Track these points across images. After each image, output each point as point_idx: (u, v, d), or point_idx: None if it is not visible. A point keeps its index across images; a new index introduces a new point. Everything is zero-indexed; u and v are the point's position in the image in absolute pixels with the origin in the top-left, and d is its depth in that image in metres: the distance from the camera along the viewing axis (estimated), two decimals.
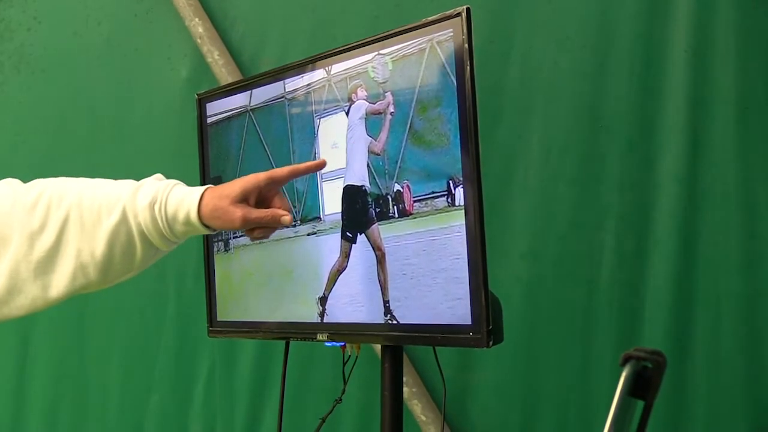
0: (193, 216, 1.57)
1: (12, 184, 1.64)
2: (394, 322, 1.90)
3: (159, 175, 1.66)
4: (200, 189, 1.60)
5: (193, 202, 1.57)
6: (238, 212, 1.58)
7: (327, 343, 2.05)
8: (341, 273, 2.01)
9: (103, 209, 1.57)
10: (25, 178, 1.66)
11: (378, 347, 2.44)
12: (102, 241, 1.56)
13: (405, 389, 2.50)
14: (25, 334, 3.27)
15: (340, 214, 2.00)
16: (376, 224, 1.92)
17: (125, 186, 1.60)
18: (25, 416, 3.28)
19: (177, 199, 1.58)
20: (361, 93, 1.95)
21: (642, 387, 1.29)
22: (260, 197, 1.64)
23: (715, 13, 2.44)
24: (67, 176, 1.66)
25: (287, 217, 1.63)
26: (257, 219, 1.61)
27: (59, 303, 1.62)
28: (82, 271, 1.58)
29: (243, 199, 1.59)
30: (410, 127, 1.85)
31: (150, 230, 1.58)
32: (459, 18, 1.74)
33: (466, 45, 1.73)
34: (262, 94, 2.18)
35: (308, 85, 2.07)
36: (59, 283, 1.59)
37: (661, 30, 2.49)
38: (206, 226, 1.60)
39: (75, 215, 1.57)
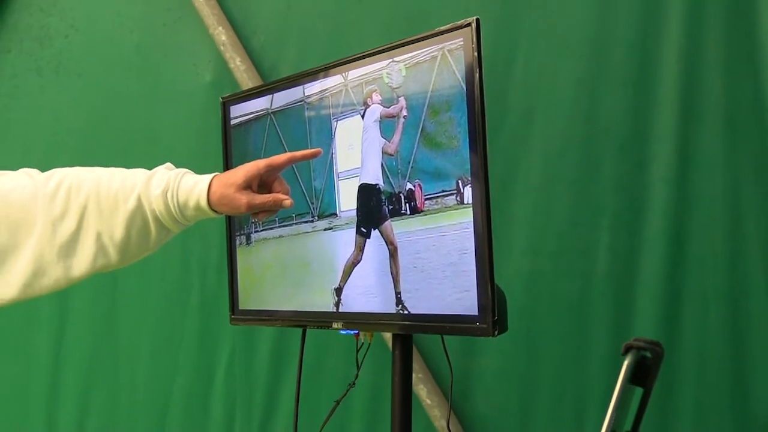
0: (203, 203, 1.61)
1: (31, 173, 1.65)
2: (406, 312, 1.89)
3: (169, 164, 1.69)
4: (208, 177, 1.63)
5: (203, 190, 1.61)
6: (243, 199, 1.62)
7: (342, 331, 2.04)
8: (356, 266, 1.99)
9: (119, 196, 1.60)
10: None
11: (389, 336, 2.43)
12: (120, 226, 1.60)
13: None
14: (61, 319, 3.26)
15: (356, 211, 1.99)
16: (389, 220, 1.91)
17: (139, 175, 1.63)
18: (61, 394, 3.28)
19: (187, 187, 1.61)
20: (376, 97, 1.94)
21: (641, 375, 1.28)
22: (261, 182, 1.67)
23: (704, 27, 2.43)
24: None
25: (288, 201, 1.67)
26: (260, 204, 1.65)
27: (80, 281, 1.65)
28: (103, 253, 1.61)
29: (246, 185, 1.63)
30: (422, 129, 1.84)
31: (163, 215, 1.61)
32: (469, 28, 1.73)
33: (476, 53, 1.73)
34: (282, 98, 2.17)
35: (326, 89, 2.06)
36: (81, 265, 1.61)
37: (654, 42, 2.48)
38: (214, 211, 1.64)
39: (93, 202, 1.60)
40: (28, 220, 1.59)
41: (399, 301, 1.90)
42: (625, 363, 1.24)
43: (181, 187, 1.61)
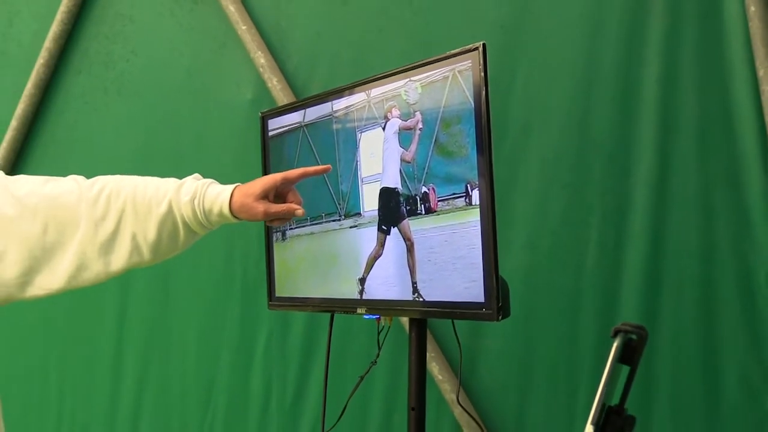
0: (226, 210, 1.62)
1: (77, 179, 1.66)
2: (421, 299, 1.88)
3: (197, 175, 1.70)
4: (231, 187, 1.64)
5: (225, 199, 1.62)
6: (261, 207, 1.63)
7: (365, 316, 2.03)
8: (377, 259, 1.98)
9: (153, 202, 1.61)
10: None
11: (406, 320, 2.42)
12: (153, 228, 1.61)
13: None
14: (123, 305, 3.27)
15: (377, 211, 1.98)
16: (407, 219, 1.90)
17: (170, 183, 1.64)
18: (123, 369, 3.29)
19: (212, 196, 1.62)
20: (395, 112, 1.93)
21: (628, 355, 1.27)
22: (278, 193, 1.68)
23: (679, 52, 2.42)
24: None
25: (300, 210, 1.68)
26: (275, 213, 1.65)
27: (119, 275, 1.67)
28: (137, 251, 1.62)
29: (264, 196, 1.64)
30: (435, 140, 1.83)
31: (191, 220, 1.62)
32: (477, 51, 1.73)
33: (482, 73, 1.72)
34: (313, 113, 2.16)
35: (351, 105, 2.05)
36: (118, 261, 1.62)
37: (636, 65, 2.47)
38: (235, 218, 1.64)
39: (130, 206, 1.61)
40: (73, 221, 1.60)
41: (415, 289, 1.89)
42: (615, 344, 1.22)
43: (207, 195, 1.62)
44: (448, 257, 1.81)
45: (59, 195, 1.61)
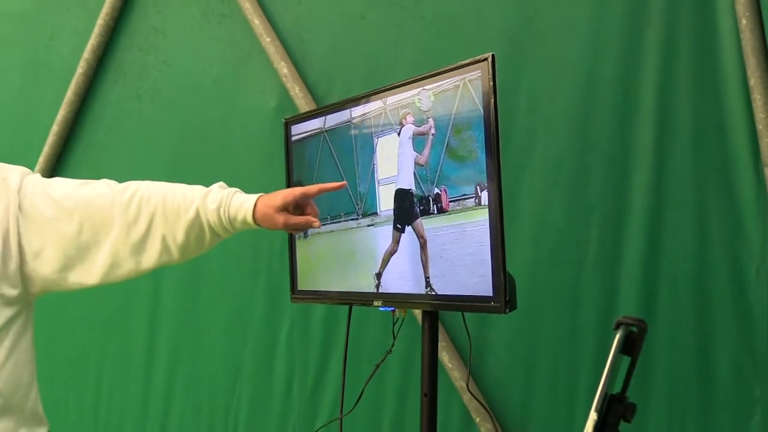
0: (249, 219, 1.64)
1: (110, 183, 1.68)
2: (433, 293, 1.87)
3: (222, 183, 1.71)
4: (254, 198, 1.66)
5: (249, 209, 1.64)
6: (281, 219, 1.65)
7: (381, 308, 2.03)
8: (393, 255, 1.98)
9: (181, 208, 1.63)
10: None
11: (419, 312, 2.41)
12: (181, 231, 1.63)
13: None
14: (155, 297, 3.28)
15: (393, 211, 1.98)
16: (420, 219, 1.90)
17: (197, 191, 1.66)
18: (155, 356, 3.30)
19: (237, 205, 1.64)
20: (410, 118, 1.92)
21: (629, 346, 1.25)
22: (297, 205, 1.69)
23: (675, 63, 2.41)
24: (185, 182, 1.71)
25: (317, 223, 1.70)
26: (294, 224, 1.68)
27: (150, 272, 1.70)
28: (167, 252, 1.65)
29: (284, 208, 1.66)
30: (447, 144, 1.83)
31: (216, 225, 1.64)
32: (486, 62, 1.72)
33: (491, 83, 1.71)
34: (333, 119, 2.16)
35: (368, 112, 2.05)
36: (149, 260, 1.65)
37: (635, 73, 2.45)
38: (258, 225, 1.66)
39: (161, 211, 1.63)
40: (107, 223, 1.62)
41: (428, 284, 1.88)
42: (617, 336, 1.21)
43: (232, 204, 1.64)
44: (458, 254, 1.80)
45: (94, 198, 1.63)
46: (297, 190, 1.67)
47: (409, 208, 1.93)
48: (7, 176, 1.62)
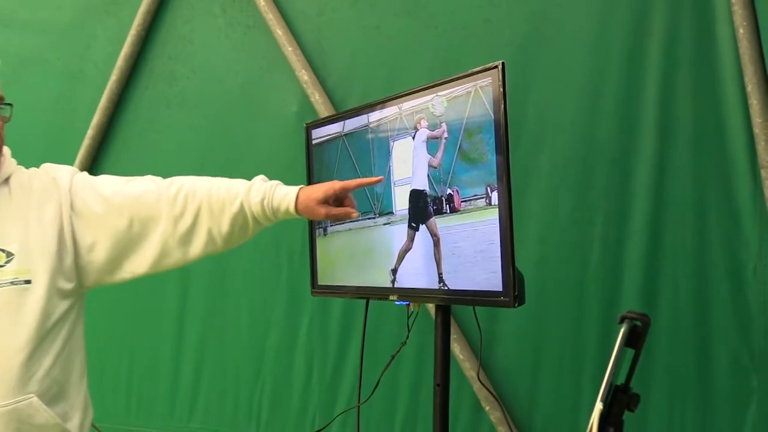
0: (291, 210, 1.63)
1: (155, 179, 1.69)
2: (446, 288, 1.87)
3: (263, 177, 1.71)
4: (295, 189, 1.65)
5: (291, 200, 1.63)
6: (322, 210, 1.63)
7: (396, 302, 2.03)
8: (407, 252, 1.98)
9: (226, 202, 1.63)
10: None
11: (432, 306, 2.40)
12: (226, 223, 1.63)
13: None
14: (184, 290, 3.28)
15: (408, 210, 1.98)
16: (434, 218, 1.90)
17: (240, 185, 1.66)
18: (184, 344, 3.30)
19: (280, 196, 1.63)
20: (424, 123, 1.92)
21: (633, 339, 1.24)
22: (336, 198, 1.67)
23: (676, 69, 2.40)
24: None
25: (355, 214, 1.68)
26: (335, 215, 1.66)
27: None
28: (212, 242, 1.65)
29: (325, 201, 1.64)
30: (459, 147, 1.82)
31: (260, 216, 1.64)
32: (496, 69, 1.72)
33: (501, 89, 1.71)
34: (351, 124, 2.15)
35: (385, 117, 2.05)
36: (195, 250, 1.66)
37: (637, 79, 2.44)
38: (299, 215, 1.66)
39: (206, 204, 1.63)
40: (155, 217, 1.63)
41: (441, 279, 1.88)
42: (621, 330, 1.20)
43: (275, 196, 1.63)
44: (470, 251, 1.80)
45: (141, 194, 1.64)
46: (337, 184, 1.66)
47: (423, 208, 1.92)
48: (57, 176, 1.65)
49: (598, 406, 1.05)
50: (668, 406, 2.41)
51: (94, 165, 3.48)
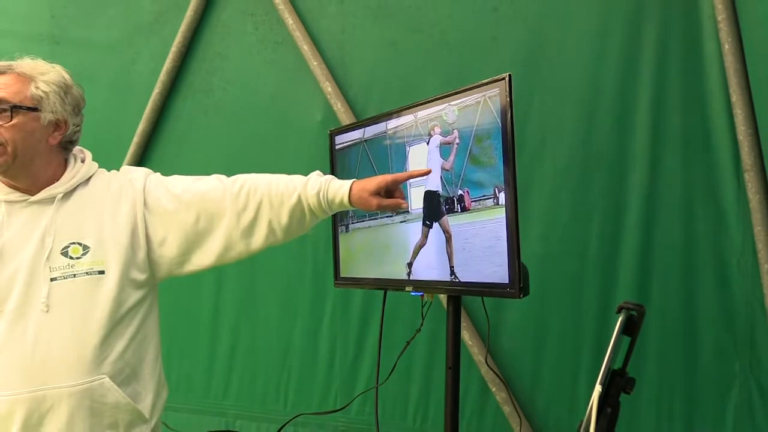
0: (346, 201, 1.62)
1: (220, 178, 1.69)
2: (457, 280, 1.87)
3: (318, 172, 1.69)
4: (349, 183, 1.64)
5: (345, 193, 1.62)
6: (374, 201, 1.61)
7: (412, 293, 2.03)
8: (422, 247, 1.98)
9: (285, 195, 1.62)
10: None
11: (444, 296, 2.40)
12: (285, 215, 1.63)
13: None
14: (218, 283, 3.29)
15: (422, 209, 1.97)
16: (446, 216, 1.89)
17: (296, 180, 1.65)
18: (219, 329, 3.30)
19: (335, 189, 1.62)
20: (437, 130, 1.91)
21: (630, 328, 1.24)
22: (387, 190, 1.65)
23: (667, 80, 2.38)
24: None
25: (405, 204, 1.65)
26: (387, 206, 1.63)
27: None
28: (272, 233, 1.65)
29: (377, 192, 1.62)
30: (470, 152, 1.82)
31: (316, 208, 1.64)
32: (504, 81, 1.72)
33: (508, 99, 1.70)
34: (371, 131, 2.15)
35: (401, 125, 2.04)
36: (257, 242, 1.65)
37: (631, 90, 2.43)
38: (352, 207, 1.64)
39: (267, 199, 1.63)
40: (220, 212, 1.63)
41: (452, 272, 1.88)
42: (619, 319, 1.19)
43: (330, 189, 1.62)
44: (479, 246, 1.79)
45: (207, 191, 1.65)
46: (389, 177, 1.64)
47: (436, 207, 1.92)
48: (134, 177, 1.68)
49: (597, 388, 1.05)
50: (658, 388, 2.40)
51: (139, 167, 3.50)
